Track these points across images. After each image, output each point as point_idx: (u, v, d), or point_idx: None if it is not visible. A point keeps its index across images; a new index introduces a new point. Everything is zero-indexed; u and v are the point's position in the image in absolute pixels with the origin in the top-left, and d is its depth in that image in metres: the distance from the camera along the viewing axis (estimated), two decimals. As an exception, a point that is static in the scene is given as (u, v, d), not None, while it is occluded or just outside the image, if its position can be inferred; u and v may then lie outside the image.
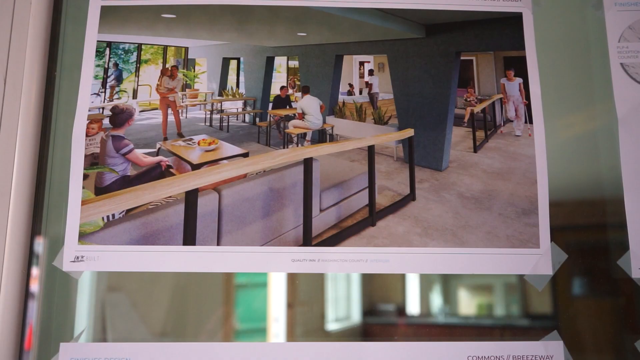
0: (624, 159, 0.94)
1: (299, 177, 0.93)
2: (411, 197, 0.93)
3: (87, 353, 0.84)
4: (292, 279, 0.94)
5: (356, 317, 0.96)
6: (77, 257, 0.87)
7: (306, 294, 0.94)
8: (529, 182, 0.93)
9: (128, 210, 0.89)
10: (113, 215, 0.89)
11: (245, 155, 0.96)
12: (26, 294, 0.88)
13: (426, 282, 0.94)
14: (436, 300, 0.95)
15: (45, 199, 0.92)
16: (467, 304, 0.95)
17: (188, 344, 0.85)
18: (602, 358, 0.92)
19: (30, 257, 0.89)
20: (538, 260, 0.91)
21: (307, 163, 0.94)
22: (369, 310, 0.92)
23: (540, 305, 0.93)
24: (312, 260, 0.88)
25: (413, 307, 0.95)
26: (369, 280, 0.94)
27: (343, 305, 0.94)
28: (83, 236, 0.88)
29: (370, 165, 0.94)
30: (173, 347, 0.85)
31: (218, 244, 0.88)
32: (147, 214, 0.89)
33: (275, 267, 0.88)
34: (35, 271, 0.89)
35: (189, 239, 0.88)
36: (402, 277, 0.94)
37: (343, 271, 0.89)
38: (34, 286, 0.89)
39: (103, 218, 0.89)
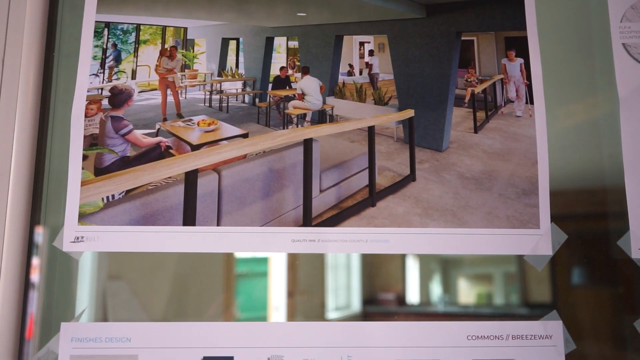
0: (625, 140, 0.94)
1: (299, 158, 0.93)
2: (411, 177, 0.93)
3: (87, 332, 0.85)
4: (293, 266, 0.94)
5: (356, 305, 0.97)
6: (77, 238, 0.87)
7: (306, 283, 0.94)
8: (529, 163, 0.93)
9: (128, 191, 0.89)
10: (113, 196, 0.89)
11: (245, 135, 0.95)
12: (27, 276, 0.88)
13: (426, 264, 0.95)
14: (436, 282, 0.95)
15: (45, 180, 0.92)
16: (468, 284, 0.96)
17: (188, 323, 0.86)
18: (601, 337, 0.93)
19: (30, 239, 0.89)
20: (538, 240, 0.91)
21: (307, 144, 0.93)
22: (369, 299, 0.92)
23: (539, 285, 0.93)
24: (312, 240, 0.88)
25: (413, 291, 0.95)
26: (369, 268, 0.94)
27: (343, 295, 0.94)
28: (83, 217, 0.88)
29: (371, 146, 0.94)
30: (173, 327, 0.85)
31: (218, 225, 0.88)
32: (146, 194, 0.89)
33: (275, 247, 0.88)
34: (35, 253, 0.90)
35: (189, 219, 0.88)
36: (402, 264, 0.94)
37: (343, 251, 0.89)
38: (34, 268, 0.89)
39: (103, 199, 0.89)
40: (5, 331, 0.84)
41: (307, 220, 0.90)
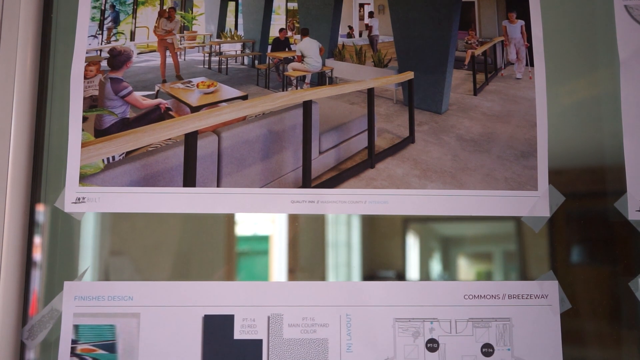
0: (624, 102, 0.94)
1: (299, 120, 0.93)
2: (410, 139, 0.94)
3: (90, 291, 0.86)
4: (293, 227, 0.95)
5: (356, 266, 0.98)
6: (78, 199, 0.88)
7: (306, 244, 0.95)
8: (528, 125, 0.93)
9: (128, 153, 0.89)
10: (113, 158, 0.89)
11: (245, 97, 0.95)
12: (29, 237, 0.89)
13: (425, 226, 0.95)
14: (434, 246, 0.96)
15: (46, 142, 0.92)
16: (465, 245, 0.97)
17: (189, 282, 0.87)
18: (596, 297, 0.94)
19: (32, 199, 0.90)
20: (536, 202, 0.91)
21: (307, 106, 0.93)
22: (369, 275, 0.93)
23: (536, 246, 0.94)
24: (312, 201, 0.89)
25: (411, 254, 0.96)
26: (369, 243, 0.95)
27: (343, 272, 0.95)
28: (84, 178, 0.88)
29: (370, 108, 0.94)
30: (174, 286, 0.86)
31: (218, 186, 0.89)
32: (146, 156, 0.89)
33: (274, 208, 0.89)
34: (37, 214, 0.90)
35: (189, 180, 0.89)
36: (401, 226, 0.95)
37: (342, 212, 0.90)
38: (36, 229, 0.90)
39: (103, 160, 0.89)
40: (10, 290, 0.85)
41: (307, 181, 0.90)
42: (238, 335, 0.85)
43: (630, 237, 0.94)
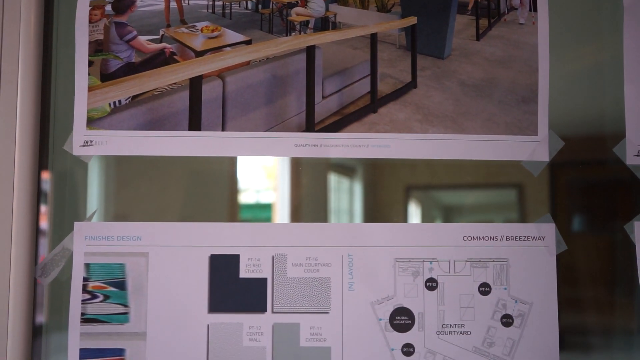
0: (626, 47, 0.94)
1: (302, 65, 0.93)
2: (413, 84, 0.94)
3: (99, 231, 0.88)
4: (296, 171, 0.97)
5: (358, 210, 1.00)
6: (86, 142, 0.90)
7: (309, 188, 0.97)
8: (530, 70, 0.94)
9: (134, 97, 0.91)
10: (119, 102, 0.91)
11: (248, 42, 0.96)
12: (38, 179, 0.91)
13: (426, 168, 0.97)
14: (434, 186, 0.98)
15: (52, 86, 0.94)
16: (464, 186, 0.99)
17: (196, 223, 0.89)
18: (592, 240, 0.97)
19: (41, 144, 0.91)
20: (535, 147, 0.93)
21: (310, 51, 0.94)
22: (370, 219, 0.96)
23: (535, 190, 0.96)
24: (315, 145, 0.91)
25: (413, 196, 0.98)
26: (371, 188, 0.97)
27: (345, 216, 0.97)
28: (91, 122, 0.90)
29: (373, 53, 0.94)
30: (181, 227, 0.89)
31: (223, 130, 0.90)
32: (152, 100, 0.90)
33: (278, 151, 0.91)
34: (46, 156, 0.92)
35: (194, 124, 0.90)
36: (403, 168, 0.96)
37: (344, 156, 0.91)
38: (46, 172, 0.92)
39: (110, 104, 0.90)
40: (22, 230, 0.88)
41: (310, 125, 0.92)
42: (243, 274, 0.88)
43: (627, 182, 0.95)
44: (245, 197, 0.96)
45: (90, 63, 0.91)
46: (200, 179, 0.95)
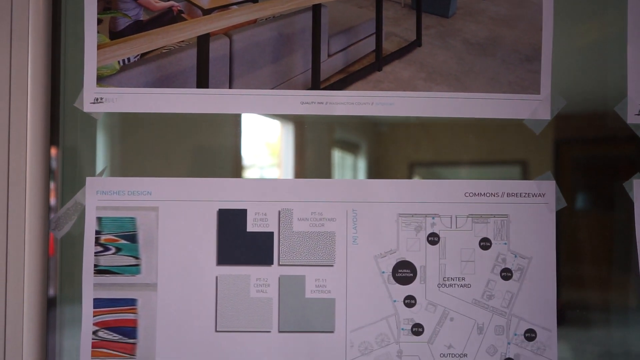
0: (630, 5, 0.94)
1: (308, 23, 0.94)
2: (417, 43, 0.95)
3: (111, 186, 0.91)
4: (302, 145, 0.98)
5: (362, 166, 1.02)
6: (97, 99, 0.92)
7: (314, 144, 0.99)
8: (534, 29, 0.94)
9: (142, 55, 0.92)
10: (128, 59, 0.92)
11: (255, 0, 0.96)
12: (51, 136, 0.93)
13: (428, 126, 0.99)
14: (437, 146, 1.00)
15: (62, 44, 0.95)
16: (466, 145, 1.00)
17: (204, 179, 0.92)
18: (592, 196, 0.99)
19: (52, 101, 0.93)
20: (538, 105, 0.94)
21: (316, 9, 0.95)
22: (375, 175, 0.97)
23: (536, 148, 0.98)
24: (320, 102, 0.92)
25: (417, 152, 1.00)
26: (375, 145, 0.98)
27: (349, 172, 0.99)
28: (101, 79, 0.92)
29: (378, 12, 0.95)
30: (190, 182, 0.91)
31: (230, 87, 0.92)
32: (161, 57, 0.92)
33: (284, 108, 0.93)
34: (57, 113, 0.94)
35: (202, 82, 0.92)
36: (408, 125, 0.98)
37: (349, 113, 0.93)
38: (57, 128, 0.94)
39: (119, 62, 0.92)
40: (35, 185, 0.90)
41: (316, 83, 0.93)
42: (250, 227, 0.91)
43: (627, 141, 0.96)
44: (252, 153, 0.98)
45: (99, 21, 0.92)
46: (208, 135, 0.97)
